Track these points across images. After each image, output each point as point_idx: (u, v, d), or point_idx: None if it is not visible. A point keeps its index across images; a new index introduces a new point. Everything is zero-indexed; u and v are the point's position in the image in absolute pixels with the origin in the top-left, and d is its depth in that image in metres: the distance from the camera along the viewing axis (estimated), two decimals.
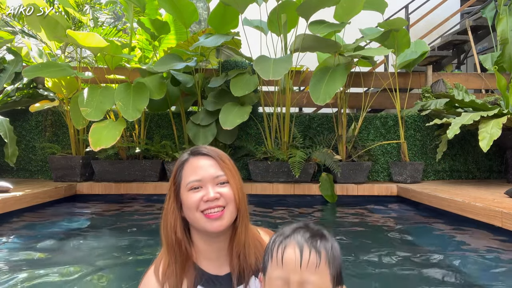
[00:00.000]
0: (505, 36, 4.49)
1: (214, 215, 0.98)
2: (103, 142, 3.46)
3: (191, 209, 1.00)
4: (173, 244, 1.03)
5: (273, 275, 0.82)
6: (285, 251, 0.82)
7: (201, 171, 1.01)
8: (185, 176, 1.03)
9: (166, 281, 0.98)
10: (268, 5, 3.97)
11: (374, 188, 4.00)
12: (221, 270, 1.04)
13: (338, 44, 3.73)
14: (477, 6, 6.76)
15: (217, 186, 1.01)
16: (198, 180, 1.00)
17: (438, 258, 2.13)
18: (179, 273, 1.00)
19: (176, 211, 1.04)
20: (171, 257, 1.02)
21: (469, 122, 3.35)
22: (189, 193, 1.01)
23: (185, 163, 1.06)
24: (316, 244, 0.83)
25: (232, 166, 1.08)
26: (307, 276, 0.79)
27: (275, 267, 0.83)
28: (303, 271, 0.79)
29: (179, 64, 3.78)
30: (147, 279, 1.04)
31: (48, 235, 2.64)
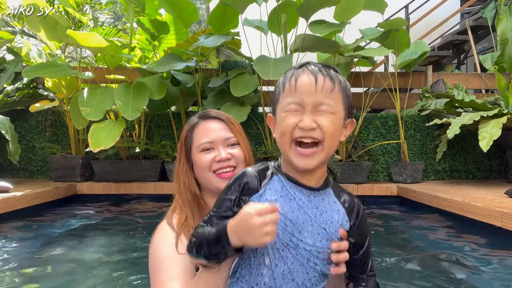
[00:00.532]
0: (505, 36, 4.49)
1: (225, 175, 1.02)
2: (103, 143, 3.46)
3: (203, 169, 1.03)
4: (190, 201, 1.05)
5: (286, 102, 0.80)
6: (298, 78, 0.80)
7: (212, 133, 1.04)
8: (196, 138, 1.06)
9: (182, 232, 1.00)
10: (268, 5, 3.97)
11: (374, 188, 3.99)
12: None
13: (338, 44, 3.73)
14: (477, 6, 6.76)
15: (228, 148, 1.04)
16: (209, 142, 1.04)
17: (438, 258, 2.13)
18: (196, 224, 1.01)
19: (189, 171, 1.07)
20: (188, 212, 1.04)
21: (469, 122, 3.35)
22: (201, 154, 1.04)
23: (196, 126, 1.08)
24: (330, 72, 0.82)
25: (240, 129, 1.10)
26: (321, 98, 0.78)
27: (288, 94, 0.81)
28: (318, 94, 0.78)
29: (179, 64, 3.78)
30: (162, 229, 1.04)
31: (48, 235, 2.64)
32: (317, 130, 0.77)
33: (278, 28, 3.92)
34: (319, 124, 0.77)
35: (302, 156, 0.78)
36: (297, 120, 0.77)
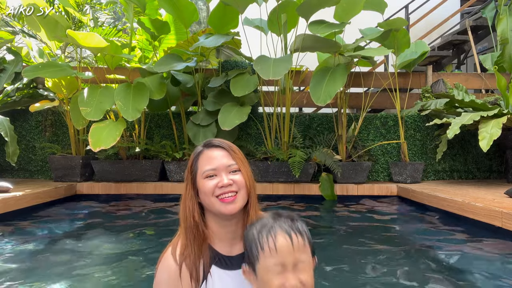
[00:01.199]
0: (505, 36, 4.49)
1: (228, 199, 1.10)
2: (103, 142, 3.46)
3: (207, 194, 1.11)
4: (192, 227, 1.12)
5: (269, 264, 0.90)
6: (276, 240, 0.90)
7: (215, 161, 1.12)
8: (201, 166, 1.14)
9: (184, 261, 1.08)
10: (268, 5, 3.97)
11: (374, 188, 4.00)
12: (233, 251, 1.15)
13: (338, 44, 3.73)
14: (477, 6, 6.76)
15: (230, 174, 1.12)
16: (213, 169, 1.12)
17: (438, 258, 2.13)
18: (196, 253, 1.10)
19: (193, 197, 1.14)
20: (189, 239, 1.11)
21: (469, 122, 3.35)
22: (205, 180, 1.12)
23: (200, 155, 1.16)
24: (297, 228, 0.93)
25: (242, 156, 1.18)
26: (299, 256, 0.90)
27: (269, 256, 0.90)
28: (295, 253, 0.89)
29: (179, 64, 3.78)
30: (165, 260, 1.12)
31: (48, 235, 2.64)
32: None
33: (278, 28, 3.92)
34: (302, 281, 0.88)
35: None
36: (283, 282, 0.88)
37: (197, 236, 1.12)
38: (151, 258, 2.14)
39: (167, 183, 4.02)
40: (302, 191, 3.92)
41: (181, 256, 1.10)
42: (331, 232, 2.83)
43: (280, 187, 3.89)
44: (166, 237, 2.62)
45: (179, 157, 4.03)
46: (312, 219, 3.25)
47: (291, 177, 3.91)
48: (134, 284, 1.73)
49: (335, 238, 2.64)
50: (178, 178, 4.05)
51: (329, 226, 3.06)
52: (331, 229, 2.94)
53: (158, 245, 2.41)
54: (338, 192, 3.94)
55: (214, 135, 3.91)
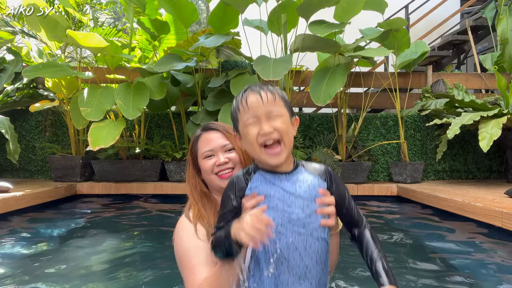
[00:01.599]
0: (505, 36, 4.50)
1: (225, 175, 1.25)
2: (102, 141, 3.46)
3: (207, 172, 1.27)
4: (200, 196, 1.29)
5: (245, 119, 1.03)
6: (248, 98, 1.03)
7: (212, 142, 1.28)
8: (200, 148, 1.30)
9: (198, 222, 1.22)
10: (268, 5, 3.97)
11: (374, 188, 4.00)
12: None
13: (338, 44, 3.73)
14: (477, 6, 6.77)
15: (225, 153, 1.27)
16: (210, 150, 1.27)
17: (438, 258, 2.13)
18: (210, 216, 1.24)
19: (196, 175, 1.32)
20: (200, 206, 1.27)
21: (469, 122, 3.35)
22: (204, 160, 1.27)
23: (199, 137, 1.32)
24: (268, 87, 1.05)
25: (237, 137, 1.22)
26: (269, 108, 1.01)
27: (244, 113, 1.03)
28: (265, 105, 1.01)
29: (179, 64, 3.78)
30: (181, 223, 1.25)
31: (48, 235, 2.64)
32: (275, 132, 1.00)
33: (278, 28, 3.92)
34: (275, 127, 1.00)
35: (272, 155, 1.00)
36: (258, 129, 1.00)
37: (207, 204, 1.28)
38: (151, 258, 2.14)
39: (167, 183, 4.02)
40: None
41: (194, 218, 1.24)
42: None
43: None
44: (166, 237, 2.62)
45: (179, 157, 4.03)
46: None
47: None
48: (134, 284, 1.73)
49: None
50: (178, 178, 4.05)
51: None
52: None
53: (159, 245, 2.41)
54: None
55: None
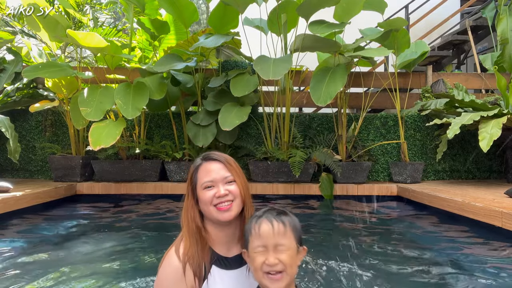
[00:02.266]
0: (505, 36, 4.49)
1: (224, 208, 1.23)
2: (103, 141, 3.46)
3: (206, 203, 1.24)
4: (195, 232, 1.25)
5: (254, 245, 1.11)
6: (260, 226, 1.11)
7: (213, 173, 1.25)
8: (200, 178, 1.27)
9: (188, 262, 1.20)
10: (268, 5, 3.97)
11: (374, 188, 4.00)
12: (230, 253, 1.28)
13: (338, 44, 3.73)
14: (477, 6, 6.76)
15: (226, 185, 1.25)
16: (211, 181, 1.24)
17: (438, 258, 2.13)
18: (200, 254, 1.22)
19: (194, 206, 1.28)
20: (192, 243, 1.23)
21: (469, 122, 3.35)
22: (204, 191, 1.25)
23: (199, 167, 1.29)
24: (281, 218, 1.13)
25: (237, 167, 1.32)
26: (278, 240, 1.09)
27: (255, 239, 1.11)
28: (275, 237, 1.09)
29: (179, 64, 3.78)
30: (170, 258, 1.22)
31: (48, 235, 2.64)
32: (279, 264, 1.08)
33: (278, 28, 3.92)
34: (280, 260, 1.08)
35: (273, 280, 1.08)
36: (264, 259, 1.09)
37: (199, 240, 1.24)
38: (151, 258, 2.14)
39: (167, 183, 4.02)
40: (302, 191, 3.92)
41: (184, 256, 1.21)
42: (330, 232, 2.82)
43: (280, 187, 3.89)
44: (166, 236, 2.62)
45: (179, 157, 4.03)
46: (311, 219, 3.25)
47: (291, 177, 3.91)
48: (134, 284, 1.73)
49: (335, 238, 2.64)
50: (178, 178, 4.05)
51: (328, 226, 3.06)
52: (330, 229, 2.94)
53: (158, 244, 2.41)
54: (338, 192, 3.94)
55: (214, 135, 3.91)
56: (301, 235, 1.16)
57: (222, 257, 1.26)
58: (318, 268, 1.91)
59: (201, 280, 1.20)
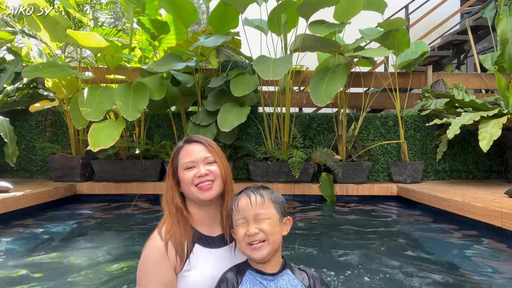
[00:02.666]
0: (505, 36, 4.49)
1: (205, 187, 1.24)
2: (102, 142, 3.46)
3: (187, 183, 1.25)
4: (175, 211, 1.27)
5: (236, 219, 1.16)
6: (239, 201, 1.16)
7: (194, 154, 1.27)
8: (181, 159, 1.28)
9: (170, 239, 1.21)
10: (268, 5, 3.97)
11: (374, 188, 3.99)
12: (213, 232, 1.29)
13: (338, 43, 3.73)
14: (477, 6, 6.76)
15: (207, 165, 1.27)
16: (191, 161, 1.26)
17: (438, 258, 2.13)
18: (182, 232, 1.23)
19: (174, 187, 1.29)
20: (174, 221, 1.25)
21: (469, 122, 3.35)
22: (185, 171, 1.26)
23: (181, 149, 1.30)
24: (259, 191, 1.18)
25: (218, 150, 1.33)
26: (257, 211, 1.14)
27: (235, 214, 1.16)
28: (254, 208, 1.14)
29: (179, 64, 3.78)
30: (152, 240, 1.24)
31: (48, 235, 2.64)
32: (260, 233, 1.12)
33: (278, 28, 3.92)
34: (261, 229, 1.12)
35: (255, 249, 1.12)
36: (245, 230, 1.13)
37: (181, 220, 1.26)
38: None
39: None
40: (302, 191, 3.92)
41: (166, 234, 1.22)
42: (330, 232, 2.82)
43: (280, 187, 3.89)
44: None
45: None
46: (311, 219, 3.25)
47: (291, 177, 3.91)
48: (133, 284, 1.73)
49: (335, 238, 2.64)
50: None
51: (328, 226, 3.06)
52: (330, 229, 2.93)
53: None
54: (338, 192, 3.94)
55: (214, 135, 3.91)
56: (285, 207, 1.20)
57: (205, 236, 1.27)
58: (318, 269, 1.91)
59: (183, 259, 1.20)
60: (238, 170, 4.34)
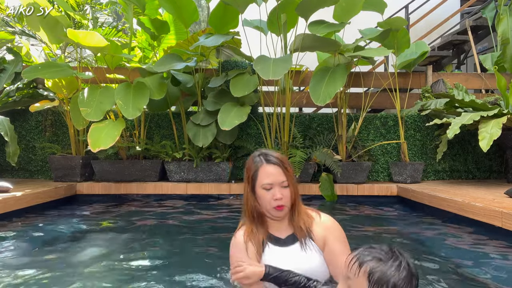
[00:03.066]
0: (506, 36, 4.50)
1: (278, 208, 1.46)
2: (102, 143, 3.46)
3: (265, 202, 1.47)
4: (255, 218, 1.51)
5: None
6: None
7: (273, 176, 1.46)
8: (261, 178, 1.47)
9: (249, 240, 1.47)
10: (268, 5, 3.97)
11: (374, 188, 3.99)
12: (282, 235, 1.52)
13: (338, 42, 3.73)
14: (477, 6, 6.76)
15: (282, 189, 1.46)
16: (270, 184, 1.46)
17: (438, 258, 2.13)
18: (259, 234, 1.49)
19: (253, 199, 1.51)
20: (253, 226, 1.51)
21: (469, 122, 3.35)
22: (263, 190, 1.47)
23: (261, 167, 1.49)
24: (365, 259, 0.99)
25: (291, 171, 1.52)
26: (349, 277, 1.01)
27: None
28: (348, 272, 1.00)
29: (179, 64, 3.78)
30: (236, 239, 1.51)
31: (48, 235, 2.64)
32: None
33: (278, 28, 3.92)
34: None
35: None
36: None
37: (260, 224, 1.51)
38: (151, 258, 2.14)
39: (167, 183, 4.02)
40: (302, 191, 3.88)
41: (247, 236, 1.48)
42: None
43: None
44: (165, 237, 2.62)
45: (179, 157, 4.03)
46: None
47: None
48: (134, 284, 1.73)
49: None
50: (178, 178, 4.05)
51: None
52: None
53: (158, 244, 2.41)
54: (338, 192, 3.94)
55: (214, 135, 3.91)
56: None
57: (276, 237, 1.51)
58: None
59: (260, 254, 1.46)
60: (238, 170, 4.34)
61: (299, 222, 1.52)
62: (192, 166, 4.02)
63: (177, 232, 2.77)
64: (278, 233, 1.52)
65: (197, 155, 4.04)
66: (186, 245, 2.42)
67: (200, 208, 3.59)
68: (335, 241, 1.50)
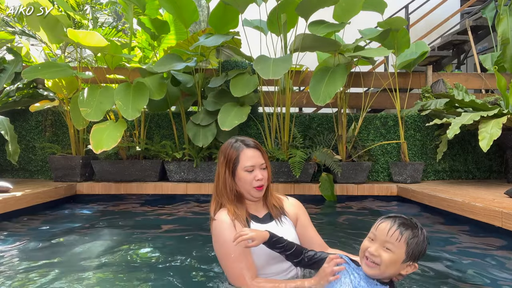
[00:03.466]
0: (506, 36, 4.50)
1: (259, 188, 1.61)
2: (104, 144, 3.45)
3: (247, 183, 1.60)
4: (234, 200, 1.62)
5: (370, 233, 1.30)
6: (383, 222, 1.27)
7: (254, 159, 1.60)
8: (243, 161, 1.60)
9: (235, 219, 1.56)
10: (268, 5, 3.97)
11: (374, 188, 3.99)
12: (260, 214, 1.68)
13: (337, 42, 3.73)
14: (477, 6, 6.77)
15: (261, 170, 1.62)
16: (252, 166, 1.60)
17: (438, 258, 2.13)
18: (241, 214, 1.60)
19: (233, 180, 1.62)
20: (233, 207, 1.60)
21: (469, 122, 3.35)
22: (245, 173, 1.59)
23: (242, 151, 1.61)
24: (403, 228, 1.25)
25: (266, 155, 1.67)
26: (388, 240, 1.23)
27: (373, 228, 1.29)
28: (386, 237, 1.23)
29: (179, 64, 3.78)
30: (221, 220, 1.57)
31: (47, 235, 2.64)
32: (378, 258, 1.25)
33: (278, 28, 3.92)
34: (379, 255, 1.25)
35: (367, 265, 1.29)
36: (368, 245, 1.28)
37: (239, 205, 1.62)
38: (151, 258, 2.14)
39: (167, 183, 4.02)
40: (302, 191, 3.92)
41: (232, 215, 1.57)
42: (330, 232, 2.82)
43: (280, 187, 3.89)
44: (165, 236, 2.62)
45: (179, 157, 4.03)
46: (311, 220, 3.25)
47: (291, 177, 3.91)
48: (133, 284, 1.73)
49: (334, 238, 2.64)
50: (178, 178, 4.05)
51: (328, 226, 3.06)
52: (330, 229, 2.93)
53: (158, 244, 2.41)
54: (338, 192, 3.94)
55: (214, 135, 3.92)
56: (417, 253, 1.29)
57: (255, 216, 1.65)
58: None
59: None
60: None
61: (272, 201, 1.71)
62: (192, 166, 4.02)
63: (177, 232, 2.78)
64: (257, 213, 1.67)
65: (197, 155, 4.05)
66: (187, 244, 2.42)
67: (200, 208, 3.59)
68: (305, 216, 1.78)
